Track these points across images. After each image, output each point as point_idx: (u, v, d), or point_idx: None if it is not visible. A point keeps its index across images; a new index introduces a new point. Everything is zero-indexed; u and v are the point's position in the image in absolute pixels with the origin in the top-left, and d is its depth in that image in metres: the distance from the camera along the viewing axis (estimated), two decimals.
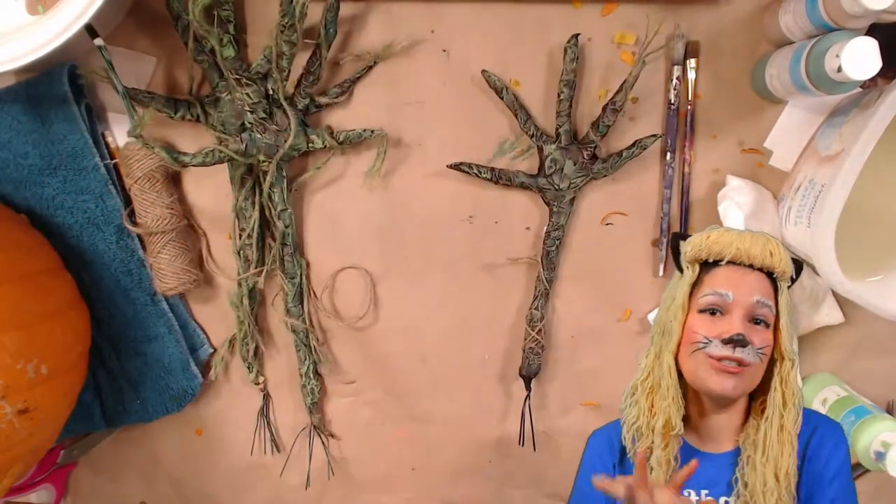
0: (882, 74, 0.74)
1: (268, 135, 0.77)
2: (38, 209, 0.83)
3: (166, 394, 0.88)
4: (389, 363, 0.90)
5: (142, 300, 0.85)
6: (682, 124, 0.81)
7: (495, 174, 0.81)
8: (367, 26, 0.80)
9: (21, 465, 0.75)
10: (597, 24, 0.79)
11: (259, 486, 0.95)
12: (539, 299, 0.84)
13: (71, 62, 0.79)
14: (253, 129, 0.77)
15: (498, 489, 0.93)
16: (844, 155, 0.66)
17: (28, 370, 0.69)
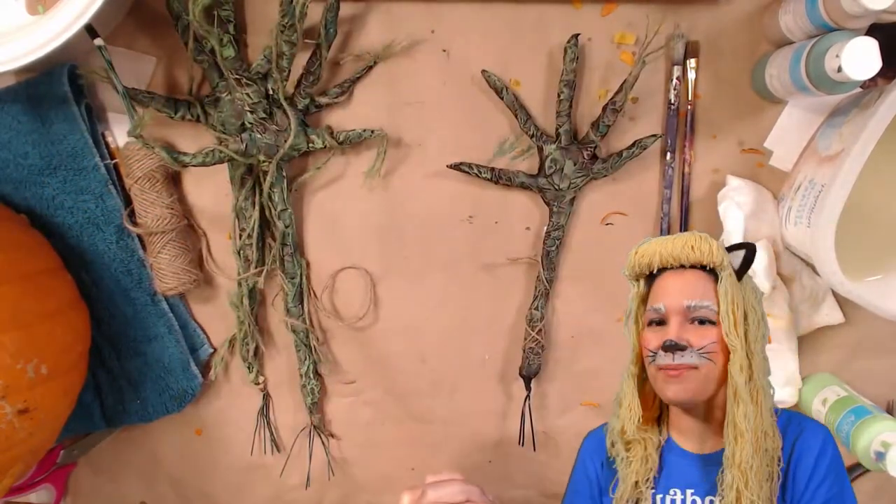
0: (882, 74, 0.74)
1: (268, 135, 0.77)
2: (38, 209, 0.83)
3: (166, 394, 0.88)
4: (389, 363, 0.90)
5: (142, 300, 0.85)
6: (682, 124, 0.81)
7: (495, 174, 0.81)
8: (367, 26, 0.80)
9: (21, 465, 0.75)
10: (597, 24, 0.79)
11: (259, 486, 0.95)
12: (539, 299, 0.84)
13: (71, 62, 0.79)
14: (253, 129, 0.77)
15: (498, 489, 0.93)
16: (844, 155, 0.66)
17: (28, 370, 0.69)
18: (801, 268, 0.81)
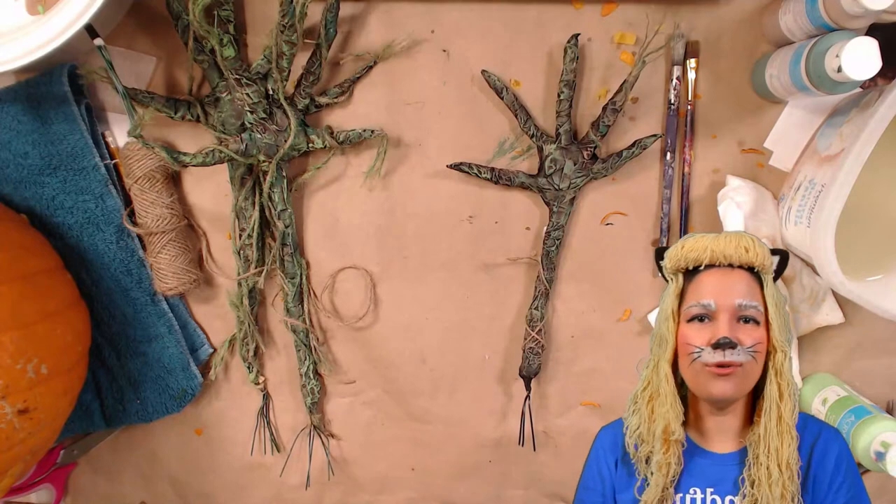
0: (882, 74, 0.74)
1: (268, 135, 0.77)
2: (38, 209, 0.83)
3: (166, 394, 0.88)
4: (389, 363, 0.90)
5: (142, 300, 0.85)
6: (682, 124, 0.81)
7: (495, 174, 0.81)
8: (367, 26, 0.80)
9: (21, 465, 0.75)
10: (597, 24, 0.79)
11: (259, 486, 0.95)
12: (539, 299, 0.84)
13: (71, 62, 0.79)
14: (253, 129, 0.77)
15: (498, 489, 0.93)
16: (844, 155, 0.66)
17: (28, 370, 0.69)
18: (801, 268, 0.81)
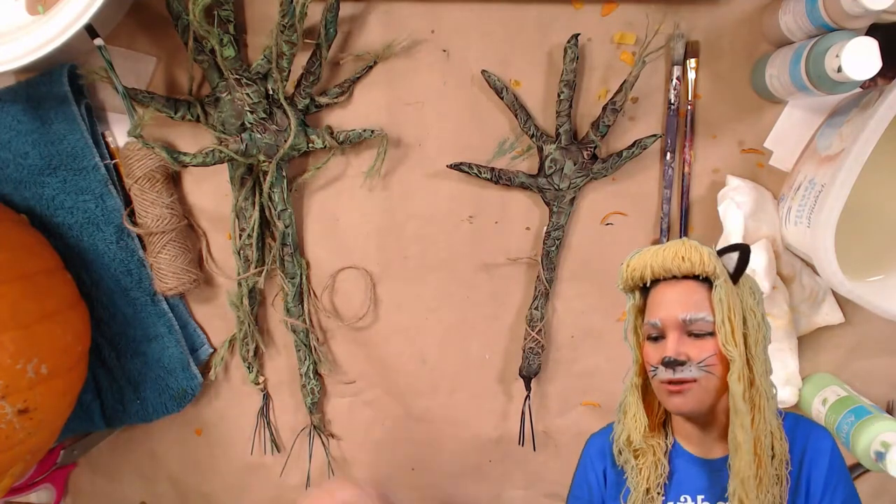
0: (882, 74, 0.74)
1: (268, 135, 0.77)
2: (38, 209, 0.83)
3: (166, 394, 0.88)
4: (389, 363, 0.90)
5: (142, 300, 0.85)
6: (682, 124, 0.81)
7: (495, 174, 0.81)
8: (367, 26, 0.80)
9: (21, 465, 0.75)
10: (597, 24, 0.79)
11: (259, 486, 0.95)
12: (539, 299, 0.84)
13: (71, 62, 0.79)
14: (253, 129, 0.77)
15: (498, 489, 0.93)
16: (844, 155, 0.66)
17: (28, 370, 0.69)
18: (801, 268, 0.81)
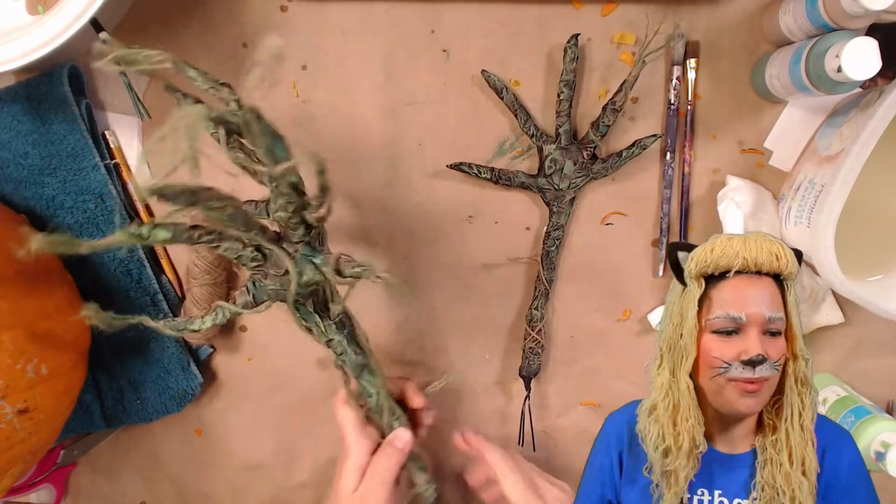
0: (882, 74, 0.74)
1: (270, 280, 0.65)
2: (38, 209, 0.83)
3: (166, 394, 0.88)
4: (389, 363, 0.89)
5: (142, 300, 0.85)
6: (681, 124, 0.81)
7: (495, 174, 0.81)
8: (367, 26, 0.80)
9: (21, 465, 0.75)
10: (597, 24, 0.79)
11: (259, 486, 0.95)
12: (539, 299, 0.84)
13: (71, 62, 0.79)
14: (254, 279, 0.67)
15: None
16: (844, 155, 0.66)
17: (28, 370, 0.69)
18: (801, 268, 0.81)
